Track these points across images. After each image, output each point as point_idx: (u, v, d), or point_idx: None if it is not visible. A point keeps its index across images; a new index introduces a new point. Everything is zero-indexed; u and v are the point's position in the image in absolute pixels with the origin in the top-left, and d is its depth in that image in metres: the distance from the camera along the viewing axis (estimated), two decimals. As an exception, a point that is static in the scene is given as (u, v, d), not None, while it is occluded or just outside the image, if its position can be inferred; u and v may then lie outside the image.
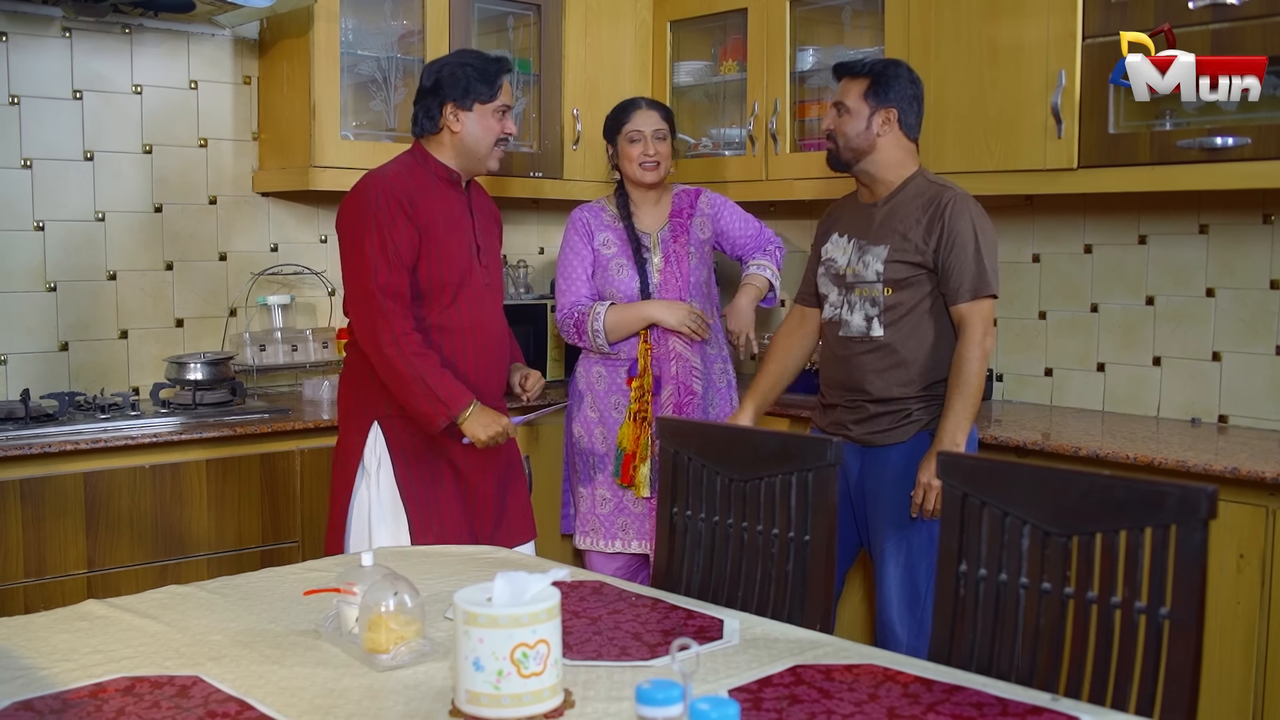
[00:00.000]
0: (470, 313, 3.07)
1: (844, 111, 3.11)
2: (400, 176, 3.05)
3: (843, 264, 3.15)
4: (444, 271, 3.02)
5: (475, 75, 3.06)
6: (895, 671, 1.83)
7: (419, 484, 3.06)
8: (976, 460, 2.18)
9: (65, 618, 2.14)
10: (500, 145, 3.13)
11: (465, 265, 3.07)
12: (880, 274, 3.05)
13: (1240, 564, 2.79)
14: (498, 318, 3.19)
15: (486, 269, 3.15)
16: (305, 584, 2.30)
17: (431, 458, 3.06)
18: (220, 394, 3.59)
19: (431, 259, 3.01)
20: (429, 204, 3.04)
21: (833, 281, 3.18)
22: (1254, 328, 3.38)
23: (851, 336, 3.12)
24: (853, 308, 3.11)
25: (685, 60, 4.49)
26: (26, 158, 3.59)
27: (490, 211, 3.28)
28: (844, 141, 3.12)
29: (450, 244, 3.05)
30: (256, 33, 3.97)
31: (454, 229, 3.07)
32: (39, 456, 3.07)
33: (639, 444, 3.49)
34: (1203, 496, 1.82)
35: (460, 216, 3.11)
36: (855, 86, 3.11)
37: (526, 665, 1.61)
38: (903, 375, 3.05)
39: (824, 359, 3.27)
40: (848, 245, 3.15)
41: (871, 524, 3.09)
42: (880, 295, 3.06)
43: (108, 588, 3.11)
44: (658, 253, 3.56)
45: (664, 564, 2.55)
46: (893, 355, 3.05)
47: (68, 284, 3.68)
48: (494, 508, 3.18)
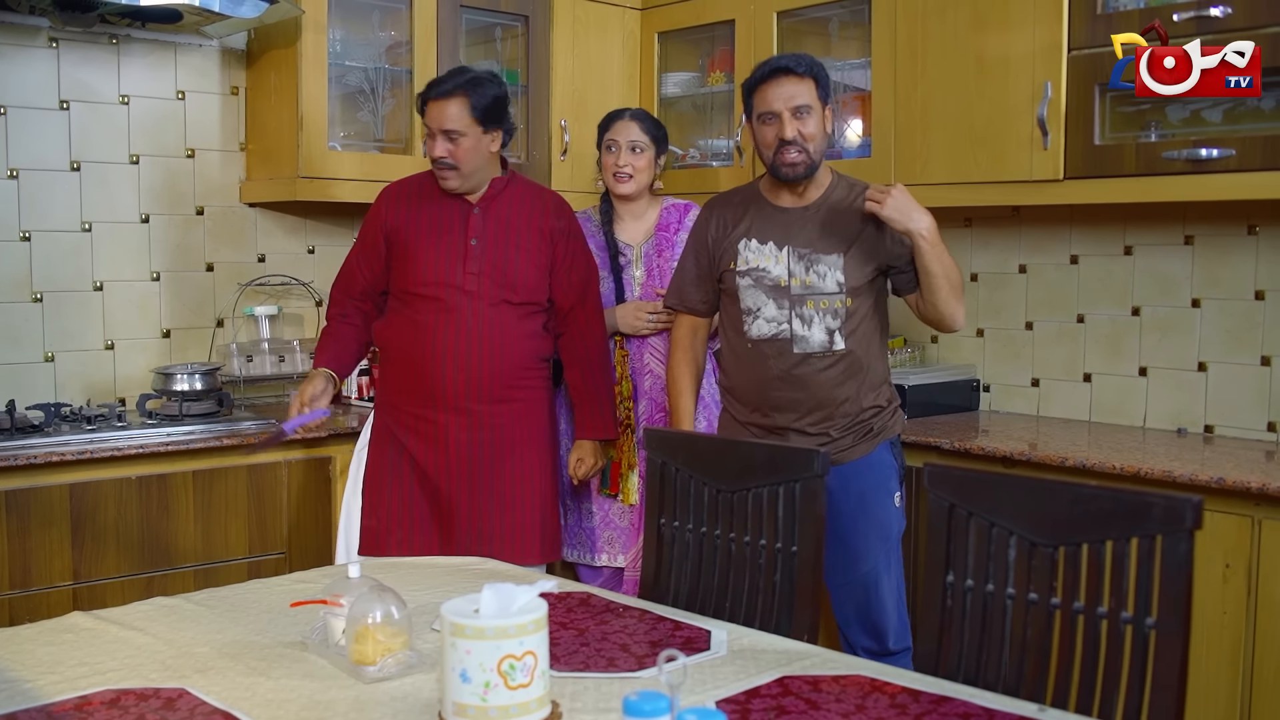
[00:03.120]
0: (438, 313, 3.16)
1: (806, 113, 2.94)
2: (409, 181, 3.34)
3: (780, 274, 2.99)
4: (410, 274, 3.20)
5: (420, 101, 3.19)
6: (882, 683, 1.83)
7: (376, 464, 3.26)
8: (964, 471, 2.18)
9: (50, 630, 2.13)
10: (437, 168, 3.15)
11: (440, 271, 3.16)
12: (842, 284, 2.95)
13: (1226, 574, 2.79)
14: (488, 324, 3.17)
15: (475, 276, 3.16)
16: (292, 595, 2.29)
17: (393, 443, 3.23)
18: (207, 405, 3.59)
19: (404, 262, 3.22)
20: (418, 210, 3.23)
21: (768, 294, 3.00)
22: (1239, 338, 3.39)
23: (811, 353, 2.97)
24: (807, 322, 2.97)
25: (673, 71, 4.50)
26: (13, 168, 3.58)
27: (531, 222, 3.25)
28: (814, 147, 2.96)
29: (423, 252, 3.18)
30: (244, 43, 3.96)
31: (433, 237, 3.19)
32: (25, 468, 3.05)
33: (625, 452, 3.48)
34: (1188, 507, 1.82)
35: (451, 227, 3.19)
36: (808, 85, 2.95)
37: (514, 677, 1.61)
38: (869, 382, 2.99)
39: (754, 380, 3.04)
40: (781, 254, 2.99)
41: (851, 545, 2.97)
42: (841, 306, 2.96)
43: (94, 599, 3.09)
44: (639, 265, 3.55)
45: (651, 575, 2.55)
46: (856, 365, 2.98)
47: (54, 295, 3.67)
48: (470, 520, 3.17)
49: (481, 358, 3.17)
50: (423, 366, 3.16)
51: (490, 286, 3.18)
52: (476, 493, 3.18)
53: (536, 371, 3.28)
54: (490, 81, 3.15)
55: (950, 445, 3.31)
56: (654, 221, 3.60)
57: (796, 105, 2.93)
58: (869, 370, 3.00)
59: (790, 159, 2.95)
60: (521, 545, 3.23)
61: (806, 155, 2.95)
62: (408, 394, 3.21)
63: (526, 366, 3.24)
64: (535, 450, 3.27)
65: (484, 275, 3.17)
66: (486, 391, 3.19)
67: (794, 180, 3.00)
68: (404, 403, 3.22)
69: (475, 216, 3.19)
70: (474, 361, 3.16)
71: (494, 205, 3.22)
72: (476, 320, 3.15)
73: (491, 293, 3.18)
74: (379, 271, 3.27)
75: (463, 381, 3.16)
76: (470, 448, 3.17)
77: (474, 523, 3.18)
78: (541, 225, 3.26)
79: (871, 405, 3.01)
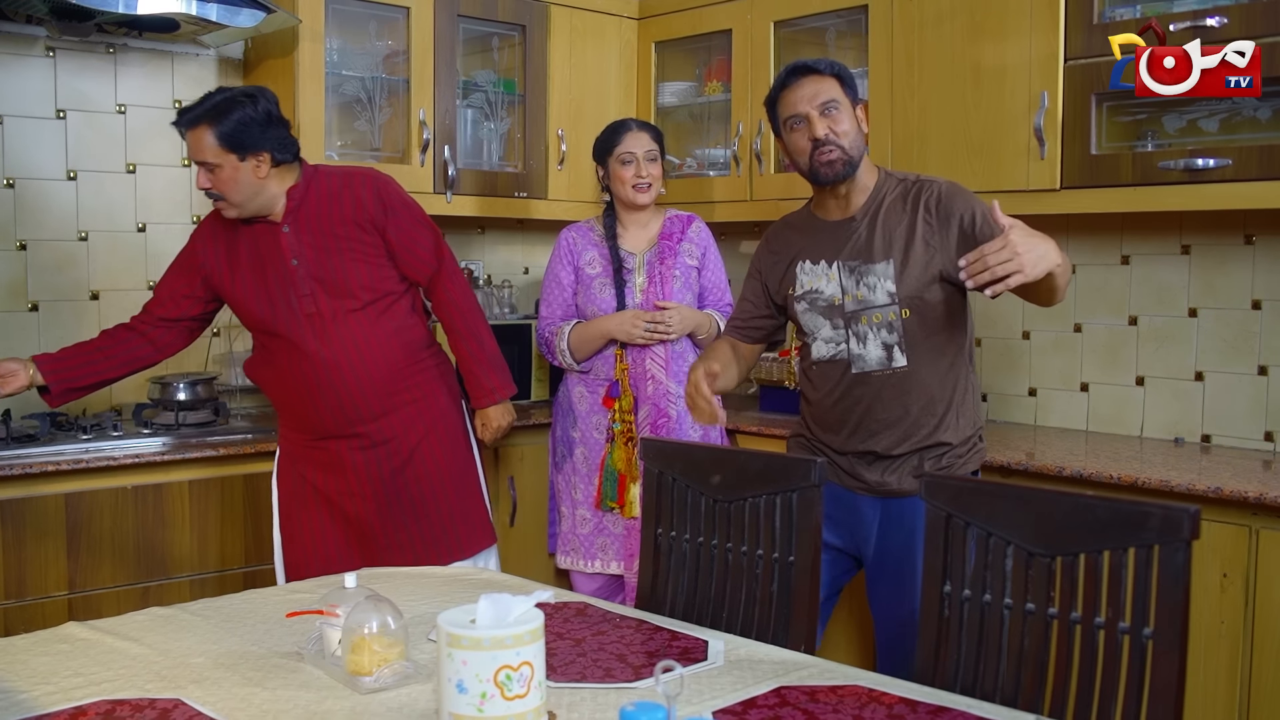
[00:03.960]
0: (289, 350, 3.08)
1: (835, 109, 2.79)
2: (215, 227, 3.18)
3: (833, 293, 2.82)
4: (247, 319, 3.17)
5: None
6: (880, 693, 1.83)
7: (284, 494, 3.22)
8: (960, 481, 2.18)
9: (45, 640, 2.12)
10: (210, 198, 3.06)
11: (265, 307, 3.09)
12: (893, 294, 2.75)
13: (1224, 583, 2.79)
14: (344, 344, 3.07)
15: (310, 296, 3.06)
16: (288, 606, 2.29)
17: (296, 475, 3.19)
18: (203, 414, 3.58)
19: (235, 306, 3.18)
20: (233, 245, 3.13)
21: (824, 315, 2.84)
22: (1236, 348, 3.40)
23: (869, 371, 2.78)
24: (863, 339, 2.78)
25: (670, 81, 4.50)
26: (9, 177, 3.58)
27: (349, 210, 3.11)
28: (849, 143, 2.78)
29: (250, 292, 3.10)
30: (241, 52, 3.97)
31: (251, 273, 3.10)
32: (20, 477, 3.05)
33: (630, 465, 3.49)
34: (1185, 516, 1.82)
35: (266, 255, 3.09)
36: (831, 83, 2.81)
37: (510, 687, 1.60)
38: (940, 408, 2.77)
39: (818, 408, 2.90)
40: (833, 271, 2.83)
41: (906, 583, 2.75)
42: (897, 318, 2.75)
43: (89, 609, 3.08)
44: (642, 274, 3.56)
45: (648, 585, 2.55)
46: (920, 384, 2.76)
47: (50, 304, 3.66)
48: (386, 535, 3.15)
49: (348, 379, 3.07)
50: (297, 403, 3.12)
51: (328, 301, 3.06)
52: (385, 508, 3.14)
53: (418, 365, 3.17)
54: (242, 103, 2.95)
55: (947, 455, 3.30)
56: (657, 231, 3.61)
57: (823, 102, 2.78)
58: (939, 393, 2.78)
59: (827, 158, 2.76)
60: (446, 544, 3.21)
61: (843, 152, 2.77)
62: (295, 429, 3.18)
63: (404, 366, 3.14)
64: (438, 444, 3.20)
65: (317, 294, 3.06)
66: (367, 410, 3.11)
67: (835, 181, 2.80)
68: (294, 435, 3.19)
69: (286, 235, 3.07)
70: (343, 385, 3.07)
71: (301, 216, 3.08)
72: (329, 343, 3.06)
73: (332, 307, 3.07)
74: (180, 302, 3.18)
75: (337, 408, 3.09)
76: (368, 467, 3.13)
77: (390, 536, 3.15)
78: (359, 218, 3.10)
79: (941, 440, 2.79)
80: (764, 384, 4.12)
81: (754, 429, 3.75)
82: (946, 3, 3.53)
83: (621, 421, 3.51)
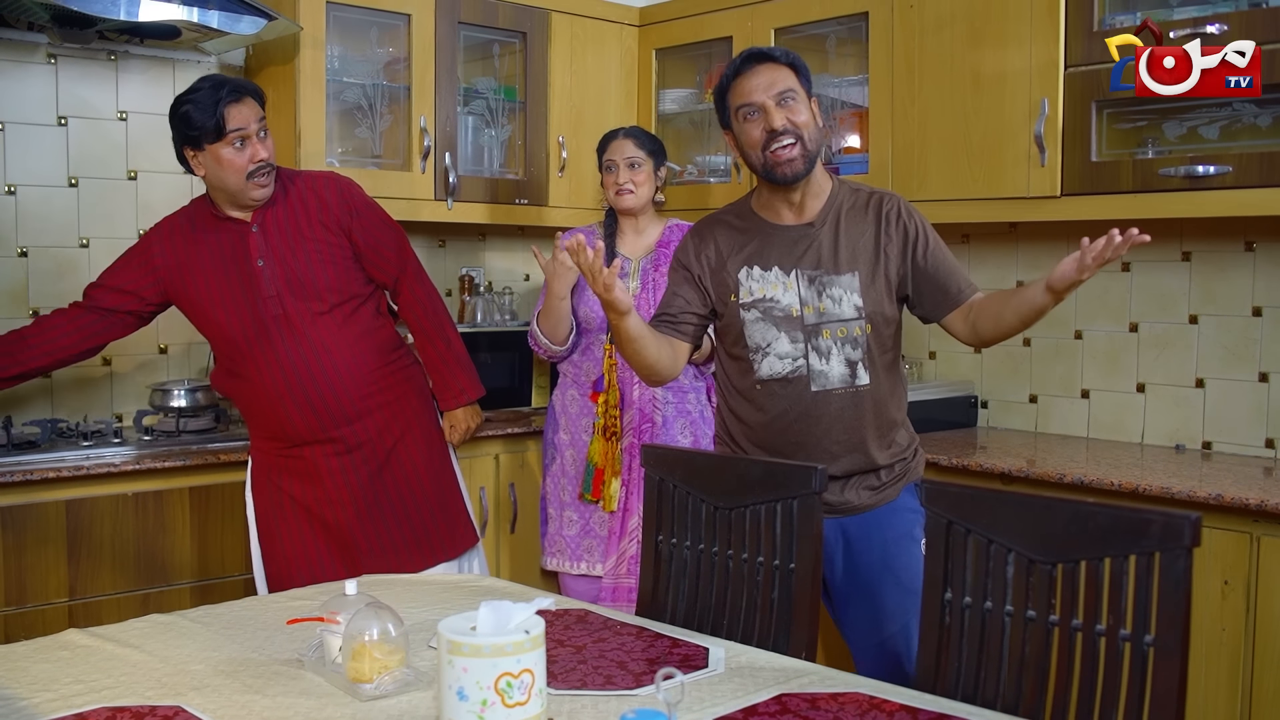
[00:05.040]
0: (254, 356, 3.05)
1: (792, 99, 2.60)
2: (180, 219, 3.16)
3: (790, 303, 2.66)
4: (210, 329, 3.11)
5: (199, 112, 2.92)
6: (881, 700, 1.83)
7: (262, 512, 3.19)
8: (962, 488, 2.18)
9: (46, 647, 2.12)
10: (256, 176, 2.98)
11: (231, 310, 3.05)
12: (860, 308, 2.64)
13: (1225, 590, 2.79)
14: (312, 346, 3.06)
15: (275, 298, 3.03)
16: (288, 613, 2.29)
17: (274, 490, 3.15)
18: (204, 421, 3.58)
19: (198, 316, 3.11)
20: (192, 254, 3.09)
21: (779, 327, 2.68)
22: (1237, 354, 3.40)
23: (831, 389, 2.66)
24: (825, 355, 2.65)
25: (670, 88, 4.50)
26: (11, 184, 3.58)
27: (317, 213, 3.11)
28: (808, 136, 2.60)
29: (206, 295, 3.06)
30: (242, 59, 3.97)
31: (218, 275, 3.07)
32: (21, 484, 3.05)
33: (609, 459, 3.49)
34: (1186, 524, 1.82)
35: (231, 255, 3.06)
36: (785, 73, 2.62)
37: (511, 695, 1.60)
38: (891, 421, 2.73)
39: (764, 431, 2.73)
40: (790, 280, 2.67)
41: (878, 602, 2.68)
42: (862, 334, 2.65)
43: (89, 616, 3.08)
44: (636, 278, 3.57)
45: (649, 592, 2.54)
46: (879, 403, 2.69)
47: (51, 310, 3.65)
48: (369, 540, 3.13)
49: (319, 382, 3.06)
50: (267, 412, 3.10)
51: (294, 303, 3.04)
52: (365, 514, 3.13)
53: (389, 366, 3.17)
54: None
55: (948, 462, 3.30)
56: (655, 238, 3.62)
57: (780, 91, 2.60)
58: (891, 408, 2.73)
59: (785, 155, 2.58)
60: (429, 546, 3.21)
61: (802, 146, 2.60)
62: (267, 438, 3.15)
63: (375, 367, 3.13)
64: (414, 445, 3.21)
65: (283, 296, 3.04)
66: (340, 414, 3.09)
67: (792, 181, 2.62)
68: (267, 445, 3.16)
69: (254, 235, 3.06)
70: (314, 389, 3.06)
71: (269, 217, 3.07)
72: (298, 346, 3.04)
73: (299, 309, 3.04)
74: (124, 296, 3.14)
75: (311, 415, 3.07)
76: (344, 473, 3.11)
77: (372, 541, 3.14)
78: (325, 219, 3.10)
79: (895, 448, 2.74)
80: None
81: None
82: (947, 10, 3.54)
83: (605, 415, 3.51)
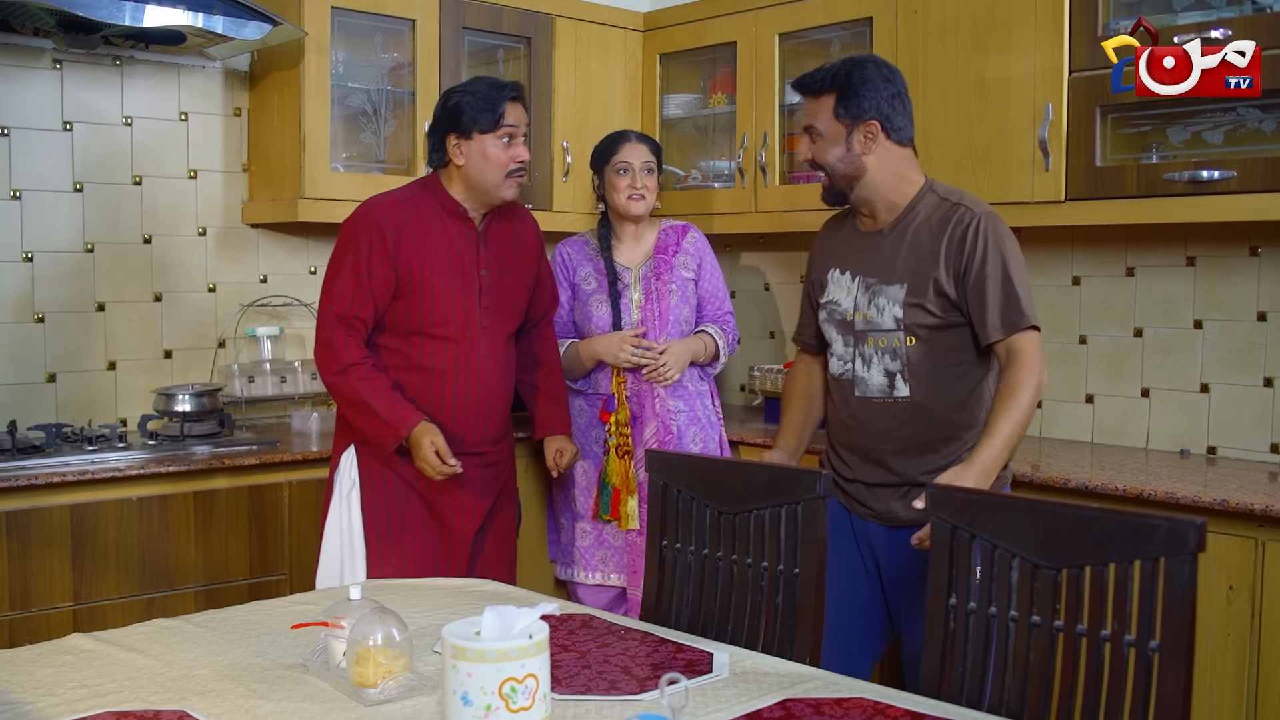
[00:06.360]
0: (457, 357, 3.04)
1: (816, 136, 2.72)
2: (399, 207, 3.04)
3: (848, 308, 2.74)
4: (421, 313, 3.01)
5: (477, 103, 2.99)
6: (885, 705, 1.83)
7: (383, 514, 3.07)
8: (965, 493, 2.18)
9: (50, 652, 2.12)
10: (515, 175, 3.04)
11: (456, 308, 3.04)
12: (900, 320, 2.65)
13: (1230, 596, 2.79)
14: (496, 361, 3.12)
15: (488, 310, 3.08)
16: (293, 617, 2.29)
17: (402, 489, 3.07)
18: (208, 426, 3.58)
19: (412, 299, 3.00)
20: (424, 240, 3.01)
21: (838, 329, 2.76)
22: (1241, 359, 3.39)
23: (870, 397, 2.70)
24: (867, 362, 2.69)
25: (675, 93, 4.51)
26: (15, 189, 3.59)
27: (521, 242, 3.21)
28: (829, 170, 2.73)
29: (437, 286, 3.01)
30: (247, 65, 3.98)
31: (449, 270, 3.03)
32: (25, 489, 3.05)
33: (627, 479, 3.49)
34: (1191, 529, 1.82)
35: (462, 255, 3.06)
36: (822, 104, 2.71)
37: (515, 700, 1.60)
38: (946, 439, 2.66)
39: (833, 420, 2.83)
40: (852, 284, 2.74)
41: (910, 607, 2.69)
42: (902, 346, 2.65)
43: (94, 621, 3.08)
44: (638, 288, 3.56)
45: (653, 597, 2.54)
46: (925, 417, 2.66)
47: (55, 315, 3.67)
48: (472, 551, 3.16)
49: (493, 399, 3.12)
50: (441, 413, 3.05)
51: (497, 321, 3.11)
52: (481, 528, 3.17)
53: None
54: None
55: (952, 467, 3.30)
56: (652, 244, 3.62)
57: (806, 125, 2.77)
58: (963, 420, 2.67)
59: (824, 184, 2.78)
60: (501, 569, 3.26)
61: (828, 179, 2.75)
62: None
63: (511, 396, 3.25)
64: (516, 476, 3.34)
65: (494, 309, 3.10)
66: (495, 431, 3.17)
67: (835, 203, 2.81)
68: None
69: (481, 242, 3.10)
70: (486, 404, 3.11)
71: (492, 228, 3.14)
72: (487, 360, 3.09)
73: (499, 327, 3.12)
74: (384, 306, 3.01)
75: (480, 426, 3.11)
76: (482, 484, 3.15)
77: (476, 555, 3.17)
78: (529, 244, 3.23)
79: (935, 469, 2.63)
80: (768, 395, 4.12)
81: (758, 440, 3.75)
82: (951, 15, 3.54)
83: (617, 435, 3.51)
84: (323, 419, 3.85)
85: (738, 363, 4.58)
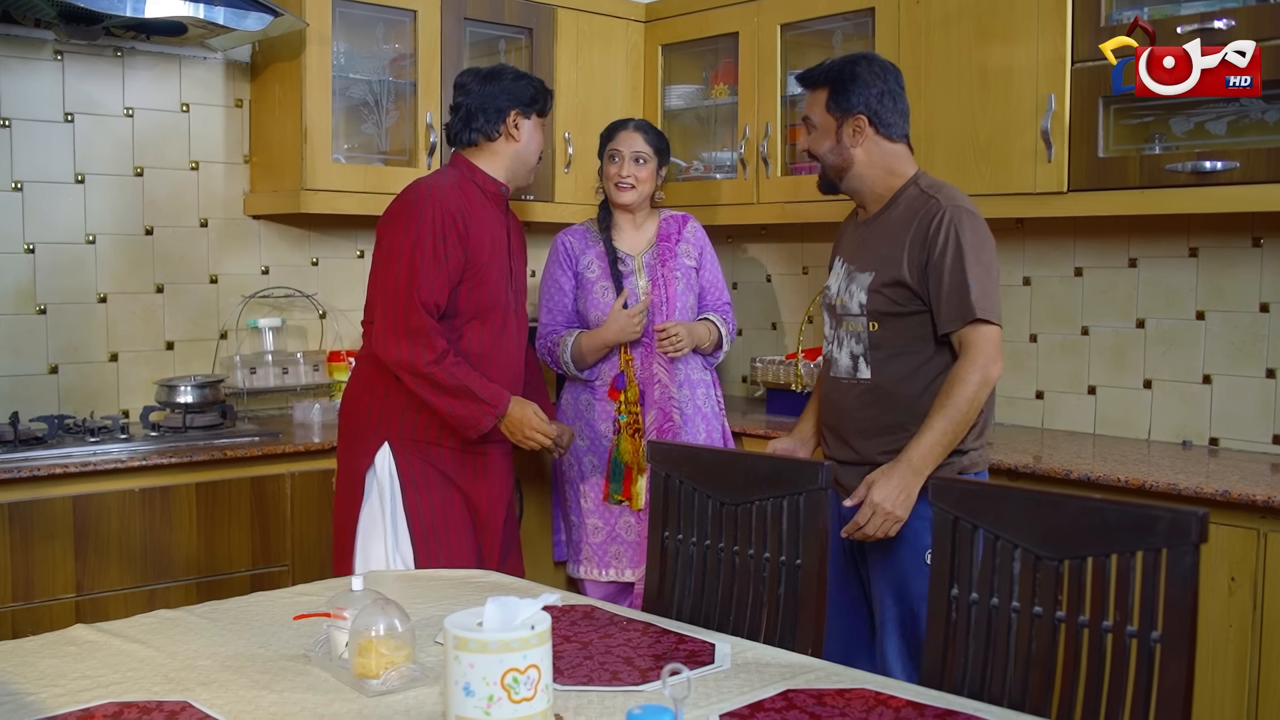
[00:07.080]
0: (492, 339, 3.07)
1: (811, 128, 2.85)
2: (454, 191, 3.02)
3: (834, 293, 2.87)
4: (479, 298, 3.02)
5: (538, 88, 3.13)
6: (887, 696, 1.83)
7: (427, 510, 3.04)
8: (967, 484, 2.18)
9: (53, 642, 2.13)
10: (538, 163, 3.20)
11: (499, 291, 3.07)
12: (864, 305, 2.74)
13: (1232, 587, 2.79)
14: (519, 344, 3.18)
15: (516, 294, 3.14)
16: (295, 608, 2.29)
17: (442, 484, 3.06)
18: (210, 417, 3.59)
19: (473, 283, 2.99)
20: (479, 225, 3.02)
21: (827, 313, 2.91)
22: (1244, 350, 3.39)
23: (840, 378, 2.82)
24: (840, 344, 2.81)
25: (677, 84, 4.50)
26: (17, 180, 3.59)
27: (521, 232, 3.30)
28: (820, 160, 2.85)
29: (490, 269, 3.03)
30: (248, 56, 3.97)
31: (495, 253, 3.06)
32: (28, 480, 3.05)
33: (638, 456, 3.47)
34: (1193, 520, 1.82)
35: (500, 238, 3.10)
36: (817, 98, 2.83)
37: (517, 690, 1.60)
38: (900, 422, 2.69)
39: (821, 400, 2.96)
40: (840, 271, 2.86)
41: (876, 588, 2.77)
42: (864, 331, 2.74)
43: (96, 612, 3.09)
44: (643, 275, 3.55)
45: (655, 588, 2.55)
46: (887, 399, 2.72)
47: (57, 306, 3.67)
48: (502, 539, 3.19)
49: (517, 381, 3.18)
50: None
51: (523, 305, 3.20)
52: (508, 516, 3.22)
53: None
54: None
55: (954, 458, 3.30)
56: (654, 232, 3.61)
57: (804, 116, 2.89)
58: (900, 410, 2.71)
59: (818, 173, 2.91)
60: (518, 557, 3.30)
61: (821, 169, 2.88)
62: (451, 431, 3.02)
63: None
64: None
65: (521, 292, 3.19)
66: None
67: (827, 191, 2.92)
68: (447, 439, 3.04)
69: (513, 229, 3.19)
70: (512, 387, 3.13)
71: (510, 216, 3.23)
72: (514, 341, 3.15)
73: (521, 310, 3.19)
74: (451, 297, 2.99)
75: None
76: (506, 471, 3.20)
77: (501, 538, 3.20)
78: (521, 236, 3.29)
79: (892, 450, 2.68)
80: (770, 386, 4.12)
81: (760, 431, 3.75)
82: (954, 5, 3.53)
83: (628, 413, 3.50)
84: (324, 410, 3.84)
85: (739, 354, 4.58)
